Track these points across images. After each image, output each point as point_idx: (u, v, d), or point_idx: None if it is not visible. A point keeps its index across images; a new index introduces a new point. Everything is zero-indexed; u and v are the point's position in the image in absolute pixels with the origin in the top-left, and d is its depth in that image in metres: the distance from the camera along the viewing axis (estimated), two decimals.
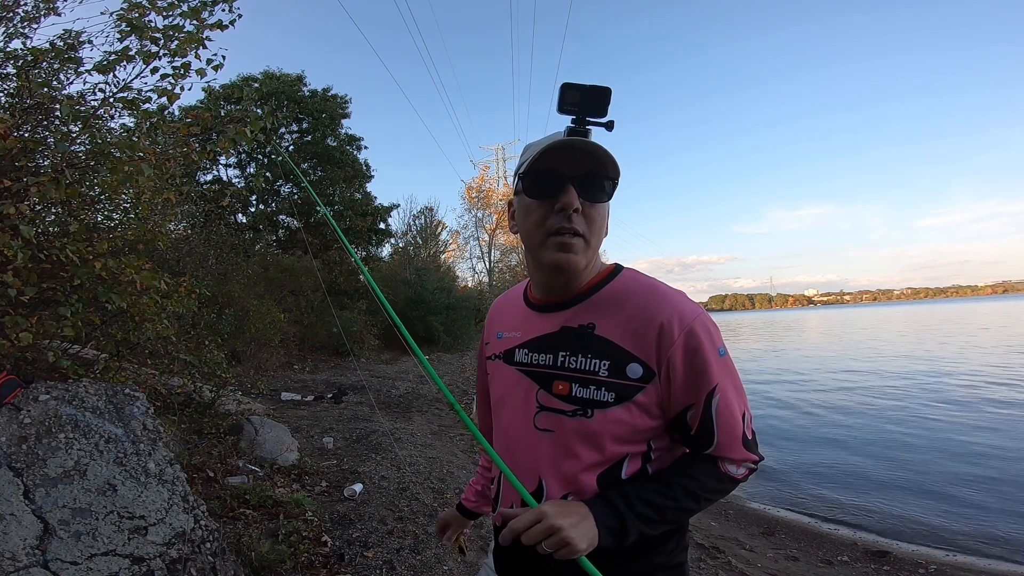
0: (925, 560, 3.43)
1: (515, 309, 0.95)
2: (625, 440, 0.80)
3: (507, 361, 0.91)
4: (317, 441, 4.92)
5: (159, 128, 2.73)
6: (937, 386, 9.72)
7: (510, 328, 0.93)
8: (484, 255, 42.91)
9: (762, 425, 7.48)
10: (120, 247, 2.66)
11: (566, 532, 0.69)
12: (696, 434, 0.80)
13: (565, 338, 0.83)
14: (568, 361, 0.81)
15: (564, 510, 0.73)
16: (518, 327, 0.92)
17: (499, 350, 0.94)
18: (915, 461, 5.51)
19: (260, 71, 16.00)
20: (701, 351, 0.76)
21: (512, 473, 0.84)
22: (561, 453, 0.82)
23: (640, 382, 0.77)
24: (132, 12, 2.45)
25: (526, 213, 0.83)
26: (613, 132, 0.78)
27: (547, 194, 0.80)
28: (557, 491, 0.82)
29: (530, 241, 0.83)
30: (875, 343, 21.04)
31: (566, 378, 0.81)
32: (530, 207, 0.82)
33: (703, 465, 0.82)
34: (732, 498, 4.74)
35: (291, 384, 8.43)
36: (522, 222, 0.85)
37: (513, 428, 0.89)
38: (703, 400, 0.77)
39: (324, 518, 3.03)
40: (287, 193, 16.71)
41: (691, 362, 0.76)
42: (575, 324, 0.83)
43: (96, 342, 2.94)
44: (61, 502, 1.59)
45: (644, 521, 0.77)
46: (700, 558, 3.12)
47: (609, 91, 0.77)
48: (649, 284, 0.82)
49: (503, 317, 0.98)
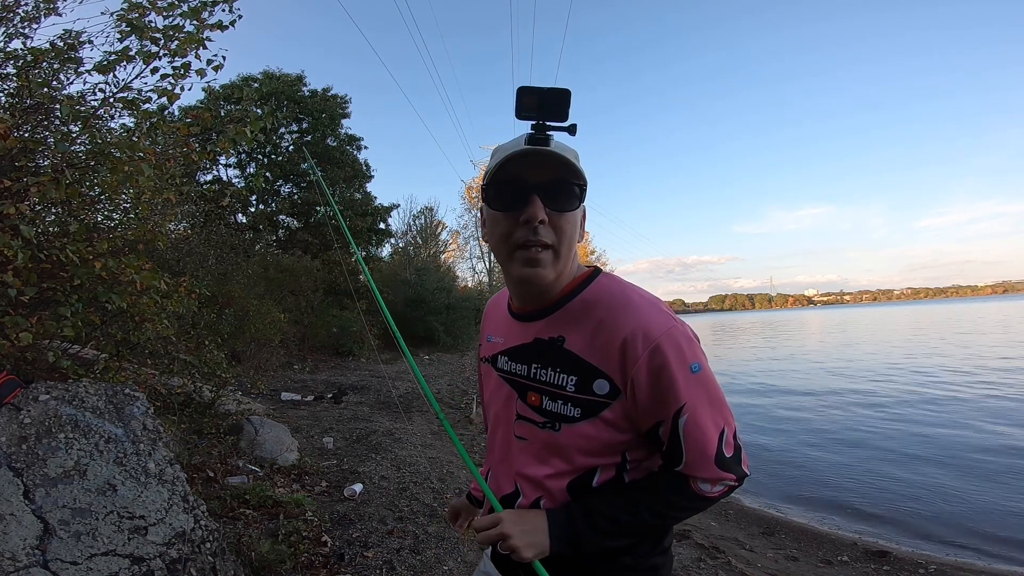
0: (925, 560, 3.43)
1: (501, 313, 0.95)
2: (594, 453, 0.79)
3: (493, 366, 0.93)
4: (317, 441, 4.92)
5: (159, 128, 2.73)
6: (939, 387, 9.72)
7: (497, 332, 0.94)
8: (484, 255, 42.86)
9: (762, 425, 7.48)
10: (120, 247, 2.66)
11: (514, 540, 0.76)
12: (666, 451, 0.78)
13: (537, 350, 0.82)
14: (539, 374, 0.82)
15: (520, 518, 0.79)
16: (502, 332, 0.92)
17: (488, 354, 0.95)
18: (916, 461, 5.51)
19: (260, 71, 16.00)
20: (667, 368, 0.72)
21: (492, 475, 0.93)
22: (533, 460, 0.84)
23: (607, 398, 0.76)
24: (132, 12, 2.45)
25: (493, 225, 0.81)
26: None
27: (511, 206, 0.77)
28: (531, 494, 0.84)
29: (498, 254, 0.82)
30: (877, 343, 21.05)
31: (537, 390, 0.82)
32: (496, 219, 0.79)
33: (674, 483, 0.80)
34: (732, 498, 4.73)
35: (291, 384, 8.43)
36: (490, 234, 0.83)
37: (498, 431, 0.92)
38: (671, 418, 0.75)
39: (324, 518, 3.03)
40: (287, 193, 16.71)
41: (656, 380, 0.73)
42: (546, 336, 0.82)
43: (96, 342, 2.94)
44: (61, 502, 1.59)
45: (602, 534, 0.78)
46: (700, 558, 3.12)
47: (568, 93, 0.73)
48: (621, 294, 0.79)
49: (493, 319, 0.98)
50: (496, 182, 0.78)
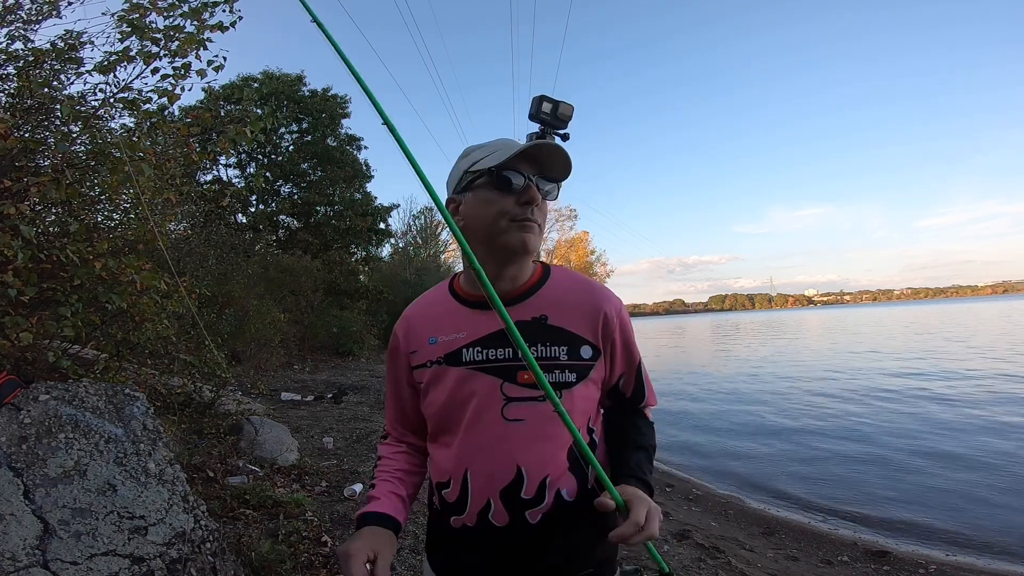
0: (925, 560, 3.43)
1: (446, 313, 0.96)
2: (584, 412, 0.92)
3: (451, 363, 0.91)
4: (317, 441, 4.93)
5: (159, 128, 2.73)
6: (940, 387, 9.72)
7: (447, 331, 0.93)
8: None
9: (762, 425, 7.48)
10: (120, 247, 2.66)
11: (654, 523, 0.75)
12: (632, 396, 0.99)
13: (521, 331, 0.83)
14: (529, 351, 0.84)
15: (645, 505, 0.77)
16: (458, 328, 0.92)
17: (436, 355, 0.93)
18: (916, 461, 5.51)
19: (260, 71, 16.00)
20: (628, 332, 0.97)
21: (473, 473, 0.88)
22: (536, 438, 0.87)
23: (591, 360, 0.91)
24: (133, 13, 2.45)
25: (485, 204, 0.89)
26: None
27: (513, 189, 0.88)
28: (536, 476, 0.86)
29: (491, 228, 0.88)
30: (878, 343, 21.05)
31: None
32: (491, 199, 0.88)
33: (640, 419, 1.00)
34: (732, 498, 4.74)
35: (291, 384, 8.44)
36: (480, 213, 0.89)
37: (480, 424, 0.89)
38: (635, 369, 0.98)
39: (324, 518, 3.03)
40: (287, 193, 16.71)
41: (625, 341, 0.95)
42: (528, 317, 0.90)
43: (96, 342, 2.94)
44: (61, 502, 1.59)
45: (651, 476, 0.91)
46: (700, 558, 3.13)
47: (573, 108, 0.93)
48: (585, 280, 1.00)
49: (430, 323, 0.96)
50: (503, 168, 0.87)
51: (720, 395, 10.36)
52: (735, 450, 6.39)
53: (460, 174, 0.93)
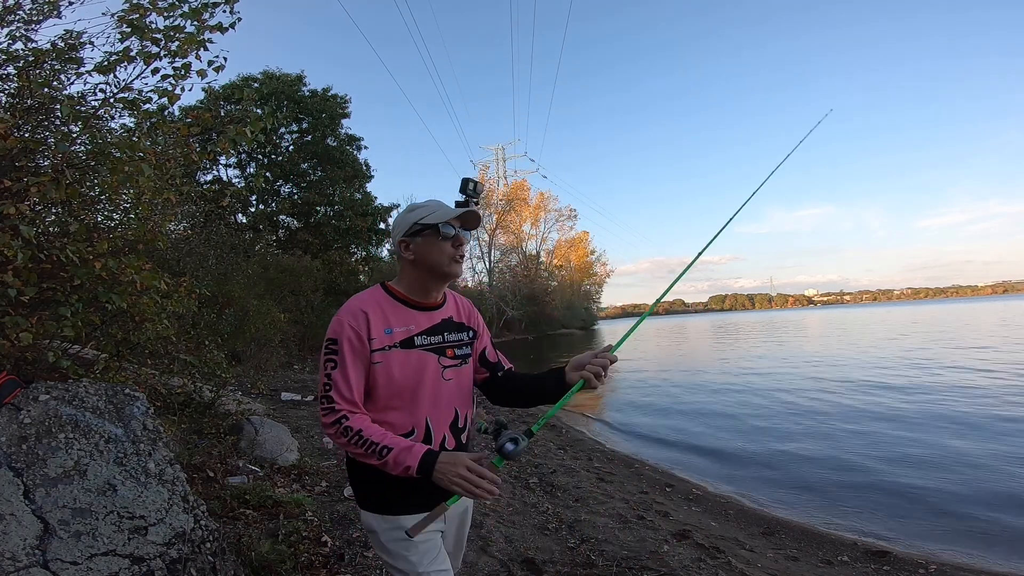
0: (925, 560, 3.42)
1: (396, 312, 1.33)
2: (476, 372, 1.52)
3: (406, 347, 1.31)
4: (317, 441, 4.93)
5: (159, 128, 2.73)
6: (941, 387, 9.72)
7: (399, 324, 1.32)
8: (484, 255, 42.78)
9: (763, 425, 7.48)
10: (120, 247, 2.66)
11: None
12: (496, 360, 1.55)
13: (445, 326, 1.41)
14: (448, 337, 1.40)
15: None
16: (407, 323, 1.33)
17: (393, 341, 1.30)
18: (916, 461, 5.51)
19: (260, 71, 15.99)
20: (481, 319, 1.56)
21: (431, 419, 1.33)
22: (462, 389, 1.42)
23: (472, 339, 1.48)
24: (133, 13, 2.45)
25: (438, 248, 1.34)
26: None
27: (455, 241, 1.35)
28: (464, 411, 1.42)
29: (440, 264, 1.34)
30: (878, 342, 21.04)
31: (452, 346, 1.40)
32: (442, 246, 1.34)
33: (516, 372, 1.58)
34: (732, 498, 4.74)
35: (291, 384, 8.44)
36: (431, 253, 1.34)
37: (431, 385, 1.33)
38: (489, 342, 1.56)
39: (324, 518, 3.04)
40: (287, 193, 16.71)
41: (484, 327, 1.56)
42: (447, 316, 1.43)
43: (96, 342, 2.94)
44: (61, 502, 1.59)
45: None
46: (700, 558, 3.12)
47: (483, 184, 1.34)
48: (460, 294, 1.55)
49: (385, 318, 1.31)
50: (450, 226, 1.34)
51: (720, 395, 10.36)
52: (735, 450, 6.39)
53: (409, 224, 1.34)
